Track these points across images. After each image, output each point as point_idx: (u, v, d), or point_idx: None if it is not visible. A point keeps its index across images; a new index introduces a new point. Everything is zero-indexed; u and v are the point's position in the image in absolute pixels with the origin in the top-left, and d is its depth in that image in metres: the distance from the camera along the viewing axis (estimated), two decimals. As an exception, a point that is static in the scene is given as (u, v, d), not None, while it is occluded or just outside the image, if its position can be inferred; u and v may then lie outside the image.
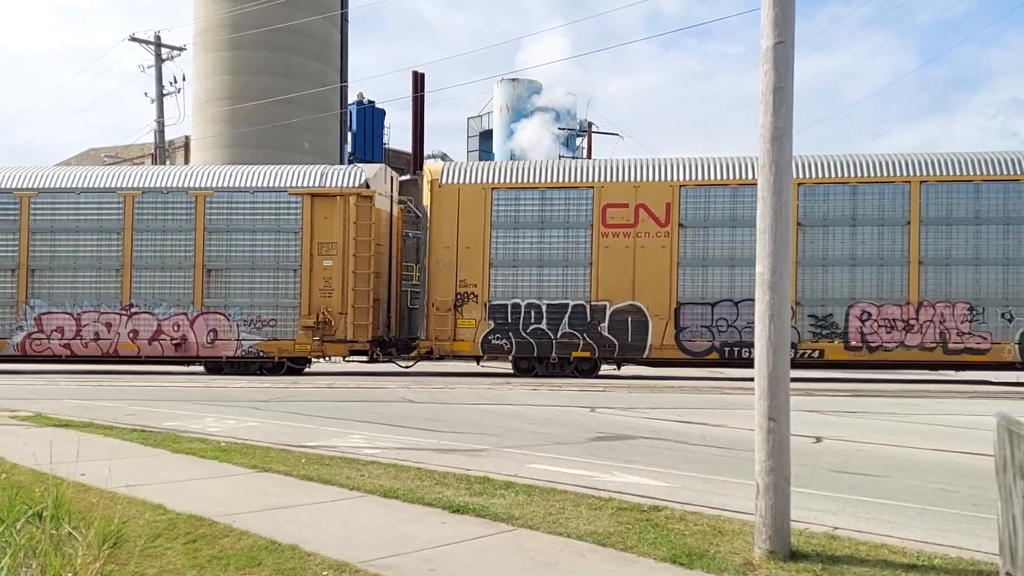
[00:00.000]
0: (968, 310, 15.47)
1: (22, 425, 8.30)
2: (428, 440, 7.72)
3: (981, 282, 15.56)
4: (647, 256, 16.26)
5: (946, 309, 15.55)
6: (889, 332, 15.66)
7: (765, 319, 3.99)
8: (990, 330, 15.46)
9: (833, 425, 9.22)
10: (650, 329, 16.22)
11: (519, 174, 16.90)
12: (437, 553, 3.95)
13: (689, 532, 4.31)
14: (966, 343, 15.50)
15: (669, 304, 16.18)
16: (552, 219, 16.60)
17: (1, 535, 2.95)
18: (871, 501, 5.25)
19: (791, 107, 4.02)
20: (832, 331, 15.80)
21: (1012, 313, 15.31)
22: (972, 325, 15.48)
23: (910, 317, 15.63)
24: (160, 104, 30.39)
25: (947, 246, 15.67)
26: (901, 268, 15.68)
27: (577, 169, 16.97)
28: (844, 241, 15.85)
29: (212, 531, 4.23)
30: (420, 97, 39.39)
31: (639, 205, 16.34)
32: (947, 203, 15.71)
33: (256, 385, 14.22)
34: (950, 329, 15.52)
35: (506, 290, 16.61)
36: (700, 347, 16.16)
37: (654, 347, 16.25)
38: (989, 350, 15.38)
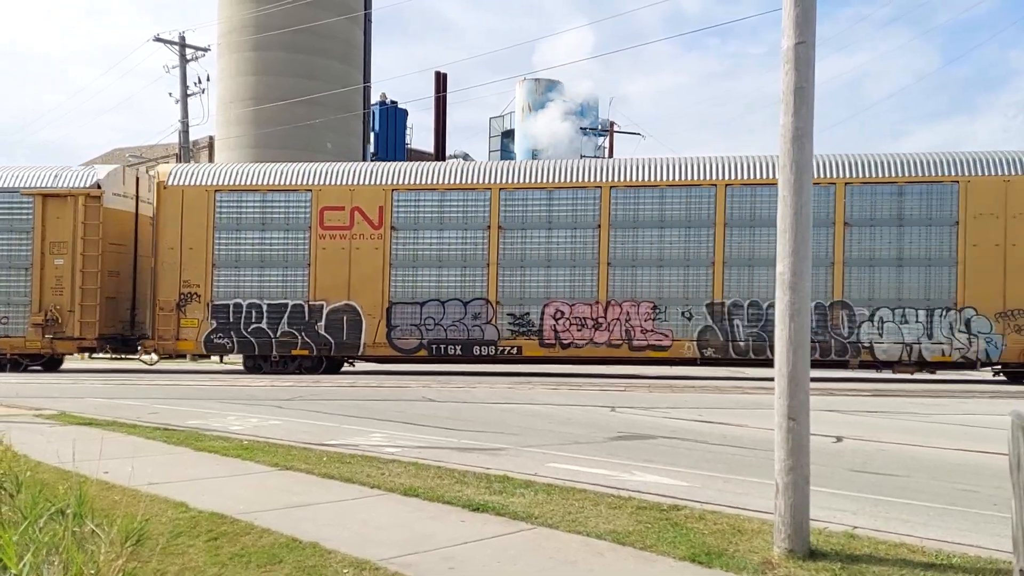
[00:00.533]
0: (652, 309, 16.39)
1: (46, 423, 8.47)
2: (448, 439, 7.76)
3: (664, 283, 16.46)
4: (362, 257, 16.91)
5: (632, 308, 16.45)
6: (580, 330, 16.53)
7: (785, 319, 3.96)
8: (672, 328, 16.35)
9: (854, 425, 9.11)
10: (364, 328, 16.85)
11: (240, 177, 17.53)
12: (456, 551, 3.97)
13: (708, 531, 4.28)
14: (649, 340, 16.38)
15: (382, 304, 16.85)
16: (273, 221, 17.16)
17: (25, 532, 3.02)
18: (891, 500, 5.19)
19: (812, 107, 3.98)
20: (529, 329, 16.61)
21: (691, 312, 16.29)
22: (655, 323, 16.38)
23: (599, 316, 16.49)
24: (184, 104, 30.81)
25: (633, 249, 16.47)
26: (592, 269, 16.51)
27: (296, 172, 17.45)
28: (540, 244, 16.66)
29: (234, 529, 4.28)
30: (442, 97, 39.54)
31: (355, 208, 16.97)
32: (634, 207, 16.52)
33: (278, 384, 14.38)
34: (635, 327, 16.39)
35: (228, 290, 17.15)
36: (410, 344, 16.90)
37: (368, 345, 16.89)
38: (671, 346, 16.33)
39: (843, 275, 15.96)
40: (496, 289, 16.63)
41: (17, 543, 2.87)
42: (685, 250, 16.33)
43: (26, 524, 3.10)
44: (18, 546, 2.85)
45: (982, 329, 15.53)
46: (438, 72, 39.08)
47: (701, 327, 16.22)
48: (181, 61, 30.74)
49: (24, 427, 7.87)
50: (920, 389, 14.09)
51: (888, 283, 15.83)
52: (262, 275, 17.12)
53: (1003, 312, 15.48)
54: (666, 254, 16.36)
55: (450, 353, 16.76)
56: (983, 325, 15.55)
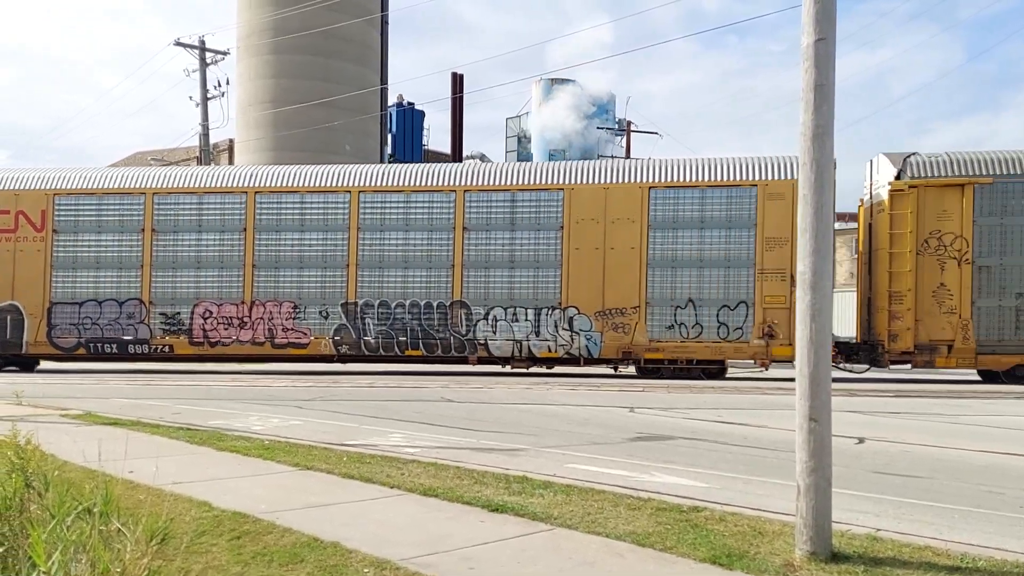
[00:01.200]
0: (292, 308, 17.31)
1: (72, 423, 8.61)
2: (467, 439, 7.77)
3: (304, 284, 17.37)
4: (25, 259, 17.65)
5: (275, 308, 17.38)
6: (227, 329, 17.41)
7: (806, 319, 3.92)
8: (310, 326, 17.28)
9: (876, 426, 9.00)
10: (26, 327, 17.60)
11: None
12: (476, 551, 3.98)
13: (729, 533, 4.26)
14: (290, 338, 17.33)
15: (43, 304, 17.57)
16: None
17: (53, 531, 3.07)
18: (914, 503, 5.12)
19: (832, 104, 3.95)
20: (179, 328, 17.49)
21: (328, 311, 17.25)
22: (295, 322, 17.32)
23: (244, 315, 17.41)
24: (204, 108, 31.15)
25: (276, 252, 17.47)
26: (238, 271, 17.44)
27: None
28: (191, 246, 17.57)
29: (256, 528, 4.33)
30: (459, 98, 39.62)
31: (19, 212, 17.73)
32: (277, 212, 17.48)
33: (299, 384, 14.50)
34: (277, 326, 17.35)
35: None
36: (69, 343, 17.60)
37: (30, 343, 17.57)
38: (309, 344, 17.25)
39: (462, 276, 16.97)
40: (149, 290, 17.55)
41: (46, 541, 2.92)
42: (323, 253, 17.31)
43: (54, 522, 3.16)
44: (47, 544, 2.91)
45: (583, 327, 16.58)
46: (454, 73, 39.21)
47: (336, 325, 17.17)
48: (201, 65, 31.10)
49: (51, 427, 8.00)
50: (944, 390, 13.88)
51: (501, 284, 16.94)
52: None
53: (602, 311, 16.55)
54: (306, 256, 17.31)
55: (106, 351, 17.61)
56: (584, 323, 16.59)
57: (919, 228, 15.37)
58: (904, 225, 15.39)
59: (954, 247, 15.23)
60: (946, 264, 15.26)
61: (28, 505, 3.73)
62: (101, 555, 2.94)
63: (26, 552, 3.13)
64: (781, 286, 15.83)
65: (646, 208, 16.39)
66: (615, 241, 16.47)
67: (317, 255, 17.30)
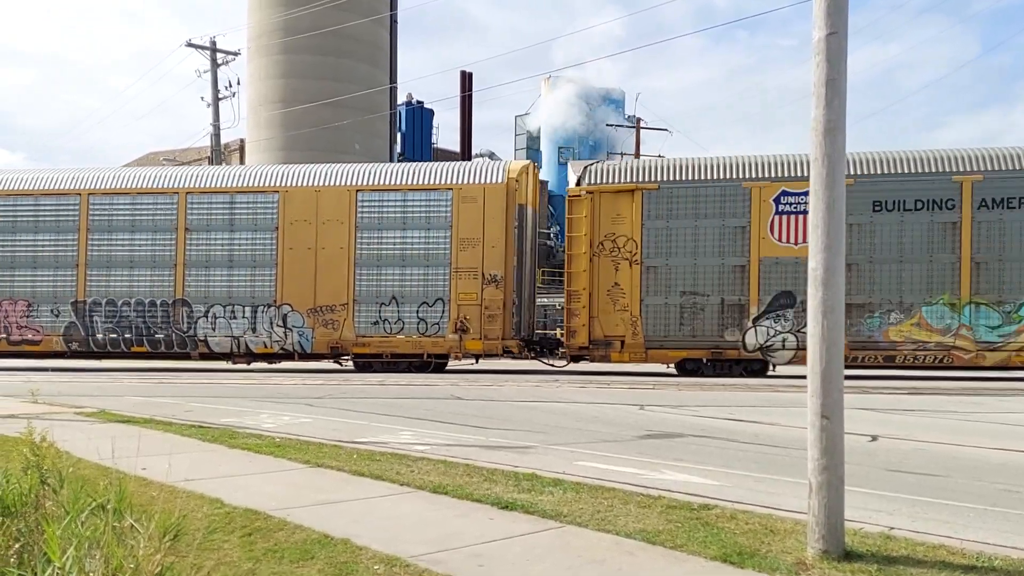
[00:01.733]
0: (27, 307, 18.16)
1: (87, 421, 8.68)
2: (476, 437, 7.78)
3: (37, 283, 18.17)
4: None
5: (11, 306, 18.24)
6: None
7: (818, 316, 3.89)
8: (42, 324, 18.12)
9: (889, 423, 8.93)
10: None
11: None
12: (486, 549, 3.98)
13: (740, 531, 4.23)
14: (24, 335, 18.17)
15: None
16: None
17: (67, 527, 3.10)
18: (929, 501, 5.07)
19: (844, 99, 3.91)
20: None
21: (59, 310, 18.05)
22: (29, 320, 18.18)
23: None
24: (216, 108, 31.33)
25: (11, 253, 18.24)
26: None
27: None
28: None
29: (267, 525, 4.35)
30: (468, 96, 39.63)
31: None
32: (12, 216, 18.29)
33: (309, 382, 14.56)
34: (12, 323, 18.19)
35: None
36: None
37: None
38: (41, 341, 18.09)
39: (184, 276, 17.74)
40: None
41: (61, 537, 2.95)
42: (55, 253, 18.10)
43: (69, 519, 3.19)
44: (61, 540, 2.94)
45: (296, 324, 17.57)
46: (463, 71, 39.22)
47: (67, 323, 18.00)
48: (212, 65, 31.27)
49: (65, 424, 8.07)
50: (958, 387, 13.76)
51: (221, 283, 17.74)
52: None
53: (314, 308, 17.51)
54: (39, 257, 18.14)
55: None
56: (297, 320, 17.59)
57: (595, 231, 16.40)
58: (580, 228, 16.44)
59: (626, 249, 16.26)
60: (619, 265, 16.28)
61: (43, 502, 3.77)
62: (115, 551, 2.96)
63: (41, 548, 3.16)
64: (473, 284, 16.95)
65: (354, 210, 17.39)
66: (326, 241, 17.43)
67: (49, 255, 18.12)
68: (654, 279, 16.24)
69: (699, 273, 16.11)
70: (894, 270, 15.50)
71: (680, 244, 16.19)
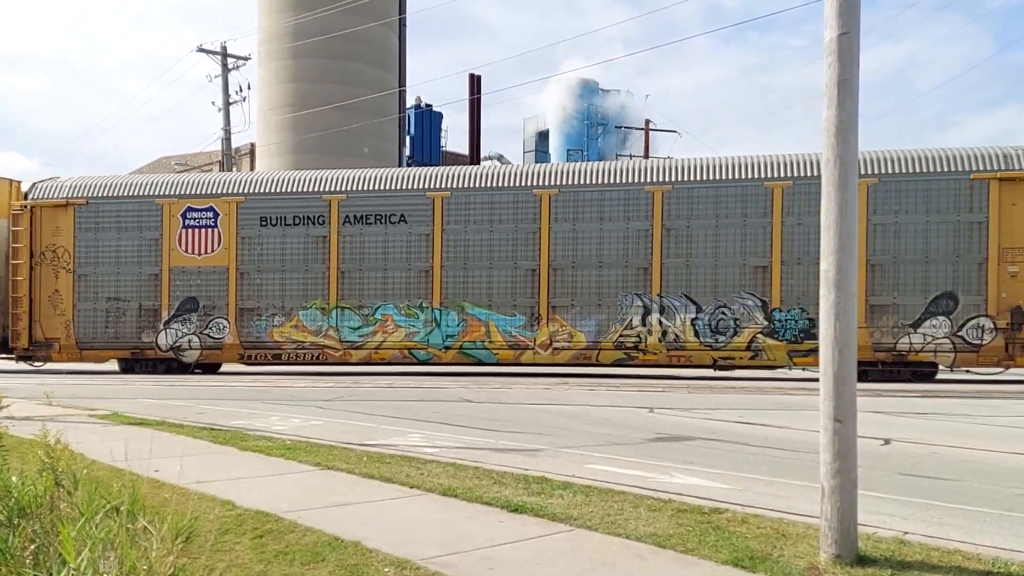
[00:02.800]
0: None
1: (100, 423, 8.75)
2: (486, 439, 7.78)
3: None
4: None
5: None
6: None
7: (831, 318, 3.87)
8: None
9: (902, 427, 8.86)
10: None
11: None
12: (495, 552, 3.98)
13: (751, 535, 4.21)
14: None
15: None
16: None
17: (82, 528, 3.13)
18: (943, 506, 5.02)
19: (856, 99, 3.89)
20: None
21: None
22: None
23: None
24: (226, 112, 31.53)
25: None
26: None
27: None
28: None
29: (278, 527, 4.37)
30: (477, 99, 39.67)
31: None
32: None
33: (319, 385, 14.61)
34: None
35: None
36: None
37: None
38: None
39: None
40: None
41: (75, 538, 2.98)
42: None
43: (83, 520, 3.21)
44: (76, 541, 2.96)
45: None
46: (472, 74, 39.26)
47: None
48: (223, 70, 31.47)
49: (79, 427, 8.14)
50: (972, 390, 13.63)
51: None
52: None
53: None
54: None
55: None
56: None
57: (38, 242, 17.97)
58: (23, 239, 17.94)
59: (63, 259, 17.98)
60: (59, 273, 17.96)
61: (58, 503, 3.80)
62: (128, 553, 2.98)
63: (57, 549, 3.18)
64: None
65: None
66: None
67: None
68: (85, 286, 17.85)
69: (122, 280, 17.86)
70: (277, 278, 17.54)
71: (107, 254, 17.91)
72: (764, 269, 16.52)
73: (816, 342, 15.71)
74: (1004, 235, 15.49)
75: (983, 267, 15.56)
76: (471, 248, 17.31)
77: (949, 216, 15.65)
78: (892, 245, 15.97)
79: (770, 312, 16.48)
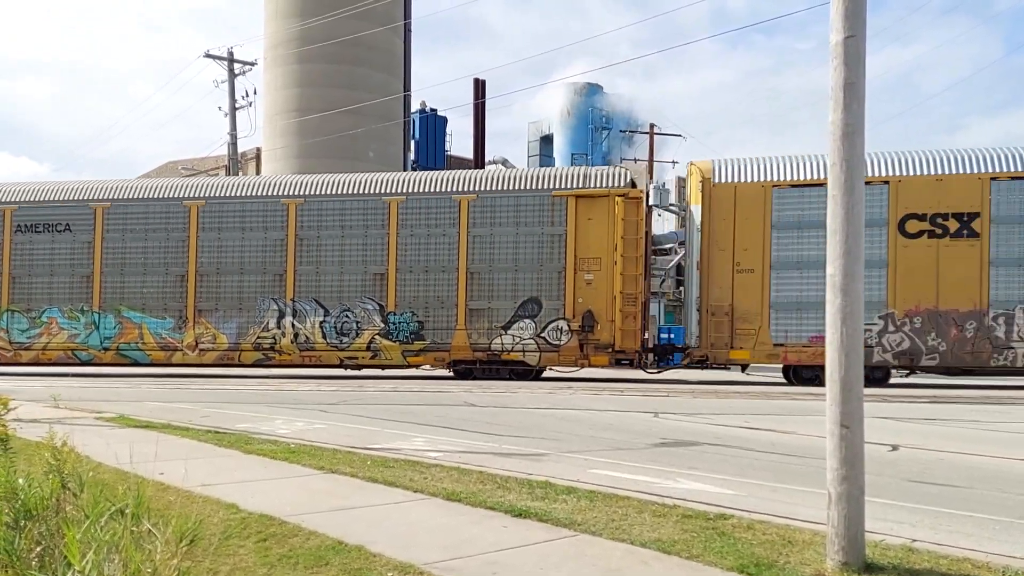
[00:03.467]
0: None
1: (106, 426, 8.76)
2: (489, 444, 7.76)
3: None
4: None
5: None
6: None
7: (837, 322, 3.85)
8: None
9: (910, 433, 8.80)
10: None
11: None
12: (499, 557, 3.96)
13: (757, 541, 4.18)
14: None
15: None
16: None
17: (87, 531, 3.13)
18: (952, 513, 4.98)
19: (863, 103, 3.87)
20: None
21: None
22: None
23: None
24: (233, 117, 31.67)
25: None
26: None
27: None
28: None
29: (282, 530, 4.36)
30: (481, 103, 39.73)
31: None
32: None
33: (324, 388, 14.62)
34: None
35: None
36: None
37: None
38: None
39: None
40: None
41: (80, 541, 2.98)
42: None
43: (88, 523, 3.22)
44: (81, 544, 2.96)
45: None
46: (476, 79, 39.32)
47: None
48: (230, 76, 31.62)
49: (85, 429, 8.15)
50: (981, 396, 13.55)
51: None
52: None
53: None
54: None
55: None
56: None
57: None
58: None
59: None
60: None
61: (64, 505, 3.80)
62: (133, 555, 2.98)
63: (62, 551, 3.18)
64: None
65: None
66: None
67: None
68: None
69: None
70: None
71: None
72: (382, 276, 17.98)
73: (424, 342, 17.62)
74: (580, 247, 17.09)
75: (562, 275, 17.09)
76: (128, 255, 18.82)
77: (535, 229, 17.31)
78: (488, 254, 17.47)
79: (386, 315, 17.88)
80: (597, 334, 16.83)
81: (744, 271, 16.29)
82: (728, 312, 16.28)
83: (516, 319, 17.27)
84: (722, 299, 16.33)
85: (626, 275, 16.81)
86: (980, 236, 15.26)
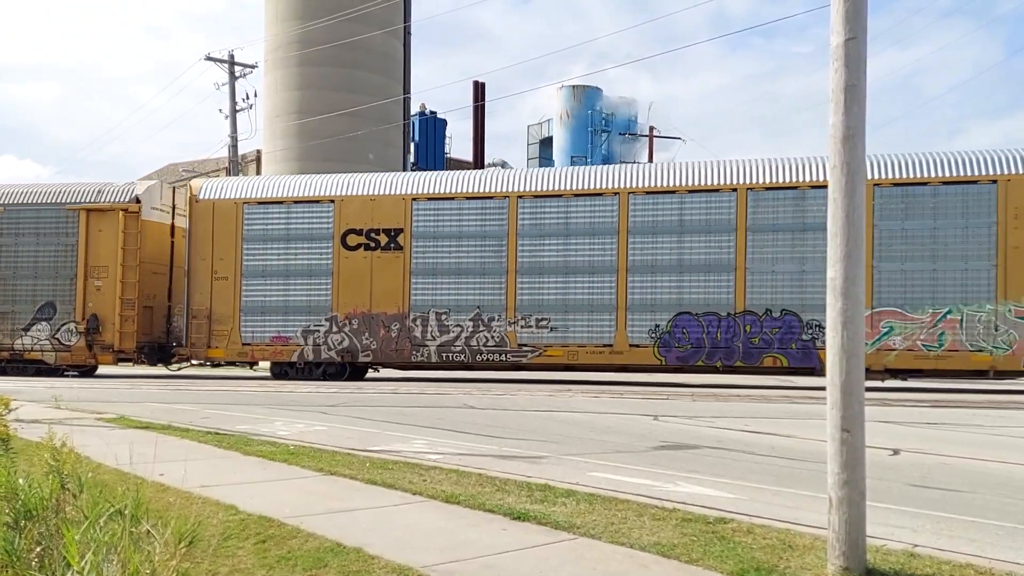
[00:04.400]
0: None
1: (106, 427, 8.76)
2: (489, 446, 7.75)
3: None
4: None
5: None
6: None
7: (838, 326, 3.84)
8: None
9: (912, 437, 8.79)
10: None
11: None
12: (498, 560, 3.95)
13: (757, 546, 4.17)
14: None
15: None
16: None
17: (86, 532, 3.12)
18: (954, 518, 4.96)
19: (864, 105, 3.86)
20: None
21: None
22: None
23: None
24: (233, 120, 31.69)
25: None
26: None
27: None
28: None
29: (281, 532, 4.35)
30: (481, 106, 39.79)
31: None
32: None
33: (324, 391, 14.61)
34: None
35: None
36: None
37: None
38: None
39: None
40: None
41: (79, 542, 2.97)
42: None
43: (87, 524, 3.21)
44: (80, 544, 2.95)
45: None
46: (476, 81, 39.41)
47: None
48: (230, 78, 31.65)
49: (85, 430, 8.15)
50: (984, 400, 13.54)
51: None
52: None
53: None
54: None
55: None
56: None
57: None
58: None
59: None
60: None
61: (63, 506, 3.80)
62: (132, 556, 2.97)
63: (61, 552, 3.18)
64: None
65: None
66: None
67: None
68: None
69: None
70: None
71: None
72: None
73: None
74: (92, 256, 19.15)
75: (74, 282, 18.98)
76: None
77: (53, 240, 19.22)
78: (13, 263, 19.66)
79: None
80: (103, 335, 19.10)
81: (220, 278, 18.41)
82: (208, 315, 18.33)
83: (35, 322, 19.36)
84: (203, 303, 18.39)
85: (126, 282, 19.13)
86: (404, 249, 17.63)
